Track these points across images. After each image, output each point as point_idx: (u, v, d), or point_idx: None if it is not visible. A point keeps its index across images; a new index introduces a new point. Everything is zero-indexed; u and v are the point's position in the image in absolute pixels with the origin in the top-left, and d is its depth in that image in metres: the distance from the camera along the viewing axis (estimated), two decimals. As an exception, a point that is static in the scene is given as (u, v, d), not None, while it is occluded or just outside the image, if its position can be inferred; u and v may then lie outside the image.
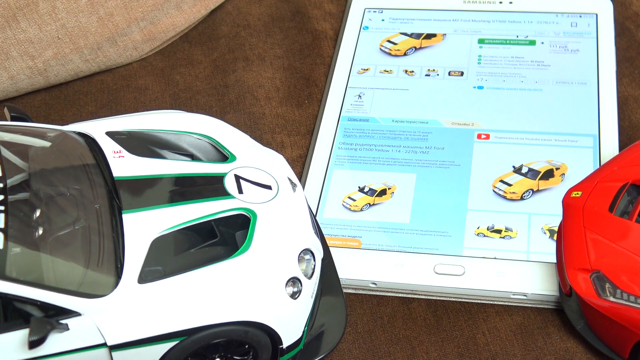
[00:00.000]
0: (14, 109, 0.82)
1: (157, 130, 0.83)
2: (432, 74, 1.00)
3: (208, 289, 0.72)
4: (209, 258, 0.74)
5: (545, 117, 0.95)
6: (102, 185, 0.77)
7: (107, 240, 0.73)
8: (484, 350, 0.80)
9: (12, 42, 0.99)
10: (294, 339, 0.75)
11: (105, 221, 0.74)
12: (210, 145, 0.83)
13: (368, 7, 1.08)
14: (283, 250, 0.75)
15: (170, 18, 1.07)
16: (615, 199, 0.77)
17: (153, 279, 0.72)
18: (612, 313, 0.73)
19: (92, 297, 0.70)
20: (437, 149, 0.93)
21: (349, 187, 0.91)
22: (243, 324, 0.72)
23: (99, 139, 0.81)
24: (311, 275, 0.76)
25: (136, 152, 0.80)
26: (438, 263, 0.84)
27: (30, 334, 0.67)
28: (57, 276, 0.70)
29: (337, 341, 0.78)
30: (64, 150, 0.79)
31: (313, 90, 1.02)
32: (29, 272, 0.69)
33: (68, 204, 0.75)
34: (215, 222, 0.76)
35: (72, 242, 0.73)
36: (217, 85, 1.04)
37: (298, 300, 0.75)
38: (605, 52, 1.00)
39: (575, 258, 0.76)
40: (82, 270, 0.71)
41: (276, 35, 1.09)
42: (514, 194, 0.88)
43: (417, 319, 0.83)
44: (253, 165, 0.81)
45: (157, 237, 0.74)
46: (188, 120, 0.85)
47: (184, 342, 0.72)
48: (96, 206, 0.75)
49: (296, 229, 0.77)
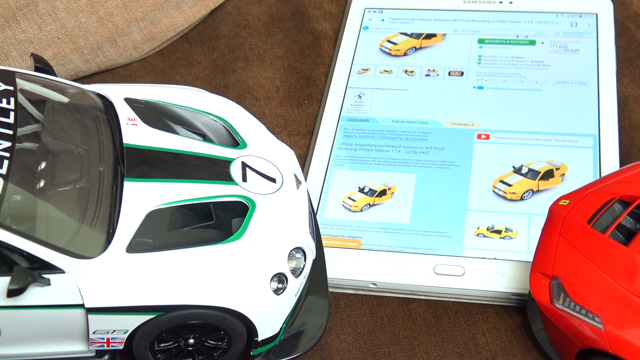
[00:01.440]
0: (38, 60, 0.82)
1: (175, 105, 0.83)
2: (432, 74, 1.00)
3: (193, 269, 0.72)
4: (200, 239, 0.74)
5: (545, 117, 0.95)
6: (110, 149, 0.77)
7: (104, 204, 0.73)
8: (484, 351, 0.80)
9: (12, 42, 0.99)
10: (270, 334, 0.75)
11: (106, 185, 0.74)
12: (224, 129, 0.83)
13: (368, 7, 1.08)
14: (275, 245, 0.75)
15: (170, 18, 1.07)
16: (598, 212, 0.76)
17: (141, 250, 0.72)
18: (558, 320, 0.73)
19: (79, 257, 0.70)
20: (437, 149, 0.93)
21: (349, 188, 0.91)
22: (222, 310, 0.72)
23: (116, 103, 0.80)
24: (299, 274, 0.76)
25: (150, 122, 0.80)
26: (438, 263, 0.84)
27: (11, 282, 0.68)
28: (48, 231, 0.70)
29: (314, 343, 0.78)
30: (80, 108, 0.79)
31: (313, 90, 1.02)
32: (22, 222, 0.70)
33: (73, 161, 0.75)
34: (213, 205, 0.76)
35: (70, 200, 0.73)
36: (217, 85, 1.04)
37: (281, 297, 0.75)
38: (605, 52, 1.00)
39: (542, 262, 0.76)
40: (74, 230, 0.71)
41: (276, 35, 1.09)
42: (514, 194, 0.88)
43: (417, 319, 0.83)
44: (262, 156, 0.81)
45: (153, 210, 0.74)
46: (208, 101, 0.85)
47: (160, 317, 0.72)
48: (100, 169, 0.75)
49: (292, 226, 0.77)
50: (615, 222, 0.75)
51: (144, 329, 0.72)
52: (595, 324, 0.70)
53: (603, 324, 0.70)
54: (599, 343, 0.70)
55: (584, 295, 0.72)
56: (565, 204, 0.78)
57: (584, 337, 0.71)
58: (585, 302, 0.71)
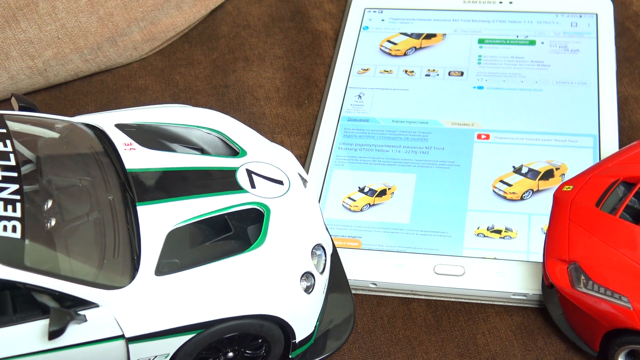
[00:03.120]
0: (21, 99, 0.82)
1: (166, 123, 0.83)
2: (432, 74, 1.00)
3: (225, 282, 0.72)
4: (224, 251, 0.74)
5: (545, 117, 0.95)
6: (115, 177, 0.76)
7: (122, 232, 0.73)
8: (484, 351, 0.80)
9: (12, 42, 0.99)
10: (307, 334, 0.76)
11: (120, 213, 0.74)
12: (220, 140, 0.83)
13: (368, 7, 1.08)
14: (297, 245, 0.76)
15: (170, 18, 1.07)
16: (604, 195, 0.78)
17: (170, 271, 0.72)
18: (582, 304, 0.74)
19: (110, 288, 0.70)
20: (437, 149, 0.93)
21: (349, 188, 0.91)
22: (259, 318, 0.72)
23: (108, 131, 0.80)
24: (322, 270, 0.77)
25: (147, 144, 0.80)
26: (438, 263, 0.84)
27: (50, 324, 0.67)
28: (73, 267, 0.70)
29: (345, 337, 0.79)
30: (74, 141, 0.79)
31: (313, 90, 1.02)
32: (46, 262, 0.69)
33: (80, 195, 0.74)
34: (228, 216, 0.76)
35: (87, 233, 0.72)
36: (217, 85, 1.04)
37: (312, 295, 0.75)
38: (605, 52, 1.00)
39: (556, 249, 0.77)
40: (98, 262, 0.71)
41: (276, 35, 1.09)
42: (514, 194, 0.88)
43: (417, 319, 0.83)
44: (264, 160, 0.81)
45: (172, 230, 0.74)
46: (196, 115, 0.85)
47: (200, 335, 0.72)
48: (109, 198, 0.75)
49: (308, 224, 0.78)
50: (623, 203, 0.77)
51: (185, 350, 0.72)
52: (623, 303, 0.71)
53: (631, 303, 0.71)
54: (628, 322, 0.71)
55: (606, 277, 0.73)
56: (570, 190, 0.79)
57: (612, 317, 0.72)
58: (608, 283, 0.72)
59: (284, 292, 0.73)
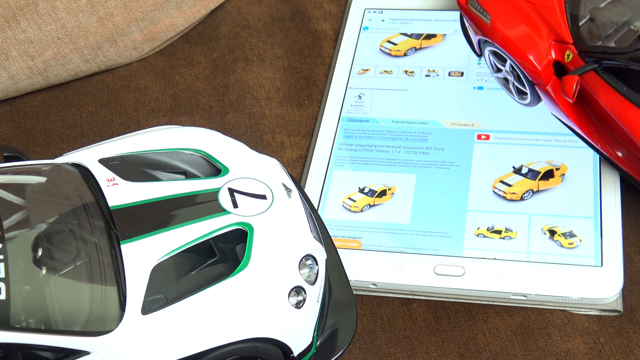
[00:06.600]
0: (7, 149, 0.82)
1: (149, 151, 0.83)
2: (432, 74, 1.01)
3: (212, 310, 0.72)
4: (210, 278, 0.74)
5: (545, 117, 0.95)
6: (99, 216, 0.76)
7: (109, 273, 0.73)
8: (484, 351, 0.81)
9: (12, 42, 0.99)
10: (304, 346, 0.76)
11: (105, 254, 0.74)
12: (203, 160, 0.83)
13: (368, 8, 1.08)
14: (282, 261, 0.75)
15: (170, 18, 1.07)
16: None
17: (156, 308, 0.72)
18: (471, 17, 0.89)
19: (99, 334, 0.70)
20: (437, 150, 0.93)
21: (349, 188, 0.91)
22: (252, 341, 0.72)
23: (92, 168, 0.80)
24: (315, 280, 0.76)
25: (130, 177, 0.80)
26: (438, 264, 0.84)
27: None
28: (63, 318, 0.70)
29: (350, 339, 0.78)
30: (60, 184, 0.79)
31: (313, 90, 1.02)
32: (34, 316, 0.69)
33: (67, 240, 0.74)
34: (213, 240, 0.76)
35: (75, 280, 0.72)
36: (217, 86, 1.04)
37: (303, 309, 0.75)
38: (605, 53, 1.00)
39: None
40: (87, 309, 0.71)
41: (276, 36, 1.09)
42: (514, 194, 0.89)
43: (418, 319, 0.83)
44: (246, 176, 0.81)
45: (156, 264, 0.74)
46: (179, 136, 0.85)
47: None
48: (95, 239, 0.75)
49: (294, 237, 0.77)
50: None
51: None
52: (486, 20, 0.88)
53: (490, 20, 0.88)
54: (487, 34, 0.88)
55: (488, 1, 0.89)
56: None
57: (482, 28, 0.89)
58: (486, 5, 0.88)
59: (273, 312, 0.73)
